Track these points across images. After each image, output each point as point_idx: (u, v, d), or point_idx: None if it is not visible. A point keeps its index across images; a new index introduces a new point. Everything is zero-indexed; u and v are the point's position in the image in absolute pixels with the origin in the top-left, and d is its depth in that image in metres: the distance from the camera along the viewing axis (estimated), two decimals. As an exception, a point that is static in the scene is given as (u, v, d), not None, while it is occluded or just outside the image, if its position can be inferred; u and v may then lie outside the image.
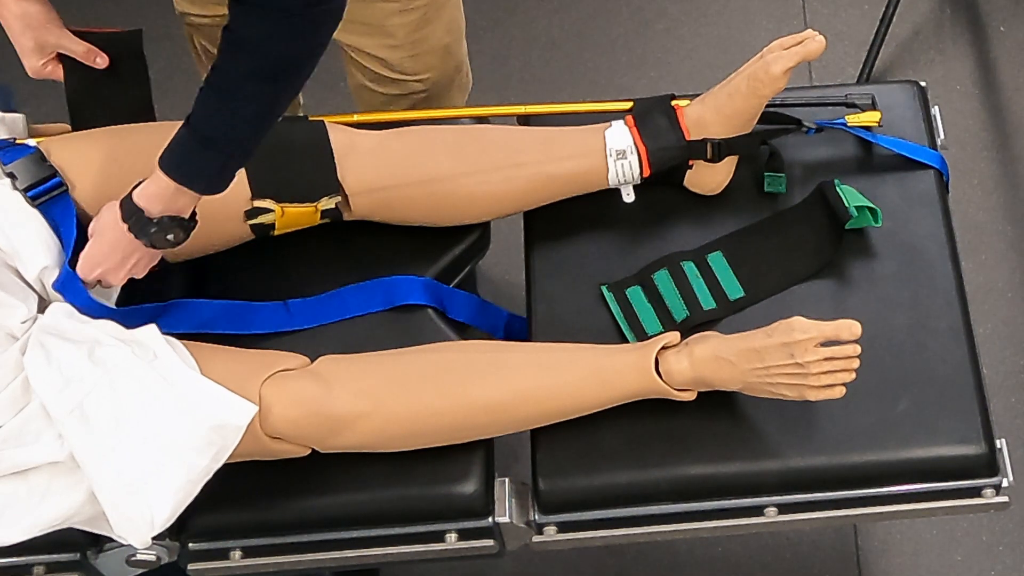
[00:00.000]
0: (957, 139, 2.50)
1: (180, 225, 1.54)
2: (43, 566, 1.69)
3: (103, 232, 1.56)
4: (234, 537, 1.68)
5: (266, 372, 1.57)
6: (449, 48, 1.93)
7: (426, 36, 1.87)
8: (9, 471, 1.51)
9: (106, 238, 1.56)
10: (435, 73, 1.94)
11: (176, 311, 1.66)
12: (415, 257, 1.79)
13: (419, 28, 1.85)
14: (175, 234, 1.55)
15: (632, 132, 1.73)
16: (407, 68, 1.90)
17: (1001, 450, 1.64)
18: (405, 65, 1.90)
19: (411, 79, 1.92)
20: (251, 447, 1.55)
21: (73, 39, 1.72)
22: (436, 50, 1.91)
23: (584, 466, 1.65)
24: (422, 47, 1.88)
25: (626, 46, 2.74)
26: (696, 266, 1.74)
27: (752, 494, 1.64)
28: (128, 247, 1.55)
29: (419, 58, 1.89)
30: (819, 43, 1.66)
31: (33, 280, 1.58)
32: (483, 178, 1.73)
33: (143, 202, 1.52)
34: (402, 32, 1.85)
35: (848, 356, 1.54)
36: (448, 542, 1.67)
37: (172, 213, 1.52)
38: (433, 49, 1.90)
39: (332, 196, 1.71)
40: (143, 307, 1.64)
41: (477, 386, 1.61)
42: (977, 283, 2.35)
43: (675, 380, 1.60)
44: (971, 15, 2.70)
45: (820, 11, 2.73)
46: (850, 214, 1.69)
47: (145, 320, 1.58)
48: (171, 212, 1.52)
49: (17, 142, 1.68)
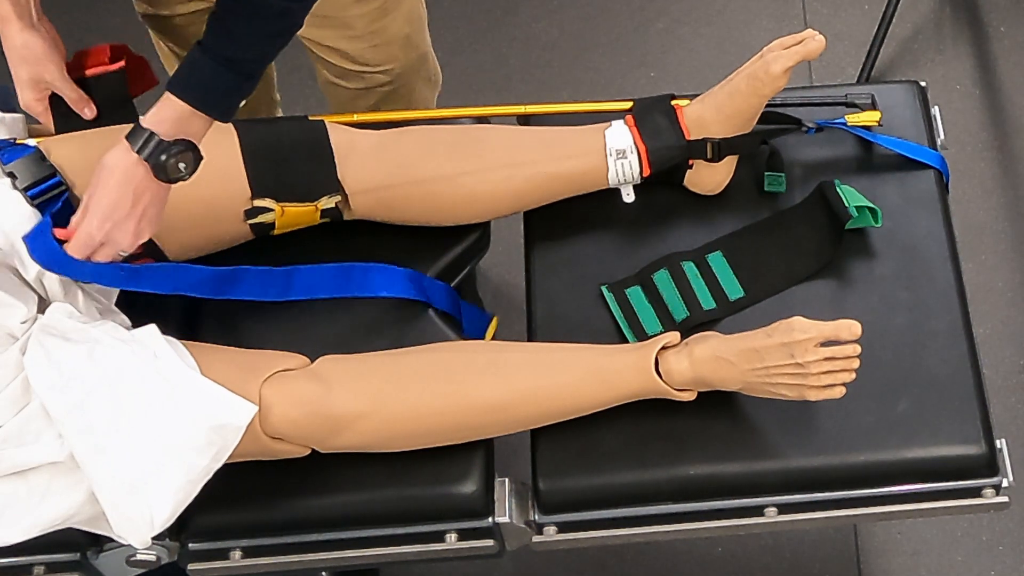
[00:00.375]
0: (957, 139, 2.50)
1: (193, 150, 1.51)
2: (43, 566, 1.69)
3: (112, 170, 1.51)
4: (234, 537, 1.68)
5: (266, 372, 1.57)
6: (410, 38, 1.94)
7: (386, 26, 1.88)
8: (9, 471, 1.51)
9: (115, 176, 1.51)
10: (398, 64, 1.95)
11: (153, 273, 1.63)
12: (415, 257, 1.79)
13: (378, 18, 1.87)
14: (187, 161, 1.51)
15: (632, 132, 1.73)
16: (369, 59, 1.91)
17: (1001, 450, 1.64)
18: (367, 56, 1.91)
19: (374, 71, 1.93)
20: (251, 447, 1.55)
21: (67, 83, 1.70)
22: (397, 40, 1.92)
23: (584, 466, 1.65)
24: (382, 37, 1.90)
25: (626, 46, 2.74)
26: (696, 266, 1.74)
27: (752, 494, 1.64)
28: (140, 183, 1.51)
29: (380, 48, 1.91)
30: (819, 43, 1.66)
31: (33, 280, 1.58)
32: (483, 178, 1.73)
33: (155, 126, 1.50)
34: (361, 23, 1.86)
35: (848, 356, 1.54)
36: (448, 542, 1.67)
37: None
38: (394, 39, 1.92)
39: (332, 195, 1.71)
40: (118, 266, 1.58)
41: (477, 386, 1.61)
42: (977, 283, 2.35)
43: (675, 380, 1.60)
44: (971, 15, 2.70)
45: (820, 11, 2.73)
46: (850, 214, 1.69)
47: (118, 280, 1.56)
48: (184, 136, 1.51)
49: (17, 142, 1.68)
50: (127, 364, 1.50)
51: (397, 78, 1.96)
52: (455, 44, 2.75)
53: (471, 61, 2.74)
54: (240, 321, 1.76)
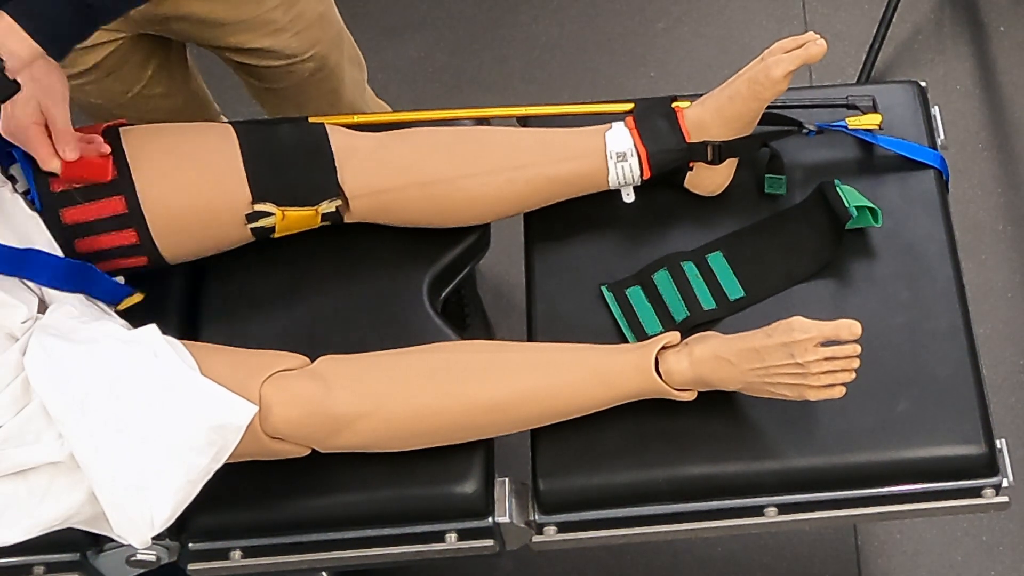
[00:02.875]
0: (957, 139, 2.50)
1: None
2: (43, 566, 1.69)
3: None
4: (234, 537, 1.68)
5: (266, 372, 1.57)
6: (324, 16, 1.95)
7: (302, 11, 1.89)
8: (9, 471, 1.51)
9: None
10: (321, 46, 1.95)
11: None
12: (415, 258, 1.79)
13: (293, 4, 1.87)
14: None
15: (632, 134, 1.73)
16: (295, 48, 1.91)
17: (1001, 450, 1.64)
18: (292, 46, 1.91)
19: (301, 59, 1.93)
20: (251, 447, 1.55)
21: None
22: (315, 21, 1.92)
23: (584, 466, 1.65)
24: (302, 22, 1.89)
25: (626, 46, 2.74)
26: (696, 266, 1.74)
27: (752, 494, 1.65)
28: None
29: (302, 34, 1.91)
30: (820, 47, 1.66)
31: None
32: (483, 180, 1.73)
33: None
34: (279, 14, 1.86)
35: (848, 356, 1.54)
36: (448, 542, 1.67)
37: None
38: (312, 21, 1.91)
39: (333, 199, 1.71)
40: None
41: (477, 386, 1.61)
42: (977, 283, 2.35)
43: (675, 380, 1.60)
44: (971, 15, 2.70)
45: (820, 11, 2.73)
46: (850, 214, 1.69)
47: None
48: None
49: (17, 144, 1.68)
50: (127, 364, 1.50)
51: (322, 60, 1.96)
52: (455, 44, 2.75)
53: (471, 61, 2.74)
54: (240, 321, 1.77)
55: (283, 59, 1.91)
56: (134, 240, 1.66)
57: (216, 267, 1.77)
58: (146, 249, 1.67)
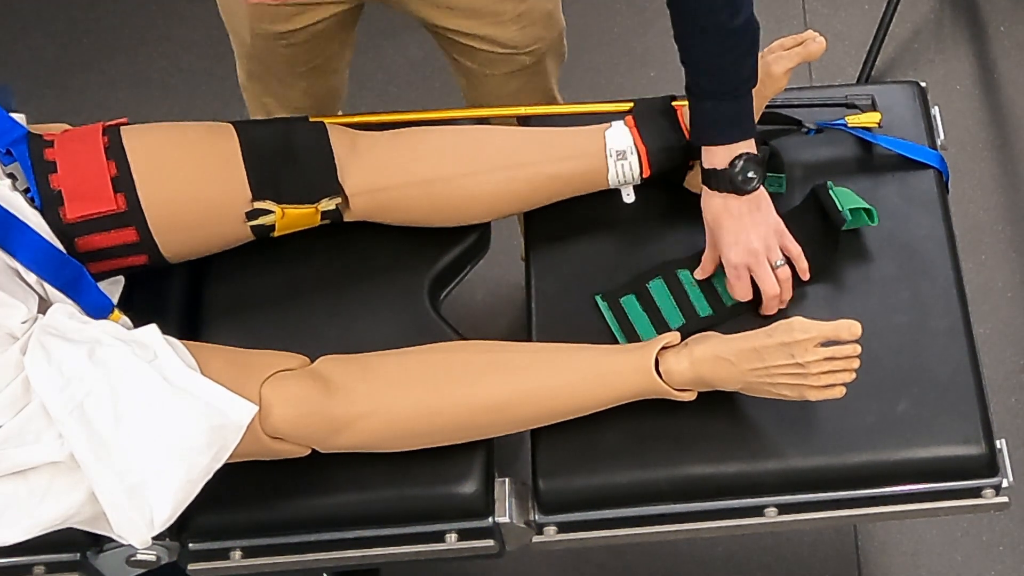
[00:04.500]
0: (957, 139, 2.50)
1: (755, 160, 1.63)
2: (43, 566, 1.69)
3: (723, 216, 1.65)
4: (234, 537, 1.68)
5: (266, 372, 1.57)
6: (551, 15, 1.94)
7: (532, 7, 1.88)
8: (9, 471, 1.50)
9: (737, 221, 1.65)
10: (542, 44, 1.95)
11: None
12: (414, 257, 1.79)
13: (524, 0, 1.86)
14: (755, 169, 1.63)
15: (632, 133, 1.73)
16: (518, 42, 1.90)
17: (1001, 450, 1.64)
18: (516, 39, 1.90)
19: (521, 52, 1.92)
20: (251, 447, 1.55)
21: None
22: (541, 19, 1.91)
23: (584, 466, 1.65)
24: (529, 18, 1.89)
25: (626, 46, 2.74)
26: (691, 273, 1.74)
27: (752, 494, 1.64)
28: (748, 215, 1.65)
29: (527, 30, 1.90)
30: (820, 44, 1.66)
31: (34, 281, 1.58)
32: (483, 179, 1.73)
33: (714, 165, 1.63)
34: (510, 4, 1.85)
35: (848, 356, 1.54)
36: (448, 542, 1.67)
37: None
38: (539, 19, 1.91)
39: (332, 198, 1.71)
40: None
41: (477, 386, 1.61)
42: (977, 283, 2.35)
43: (675, 380, 1.60)
44: (971, 15, 2.71)
45: (820, 11, 2.73)
46: (844, 218, 1.69)
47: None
48: None
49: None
50: (127, 364, 1.50)
51: (539, 56, 1.96)
52: (455, 44, 2.75)
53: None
54: (240, 321, 1.77)
55: (502, 48, 1.91)
56: (134, 238, 1.65)
57: (216, 267, 1.77)
58: (146, 247, 1.67)
